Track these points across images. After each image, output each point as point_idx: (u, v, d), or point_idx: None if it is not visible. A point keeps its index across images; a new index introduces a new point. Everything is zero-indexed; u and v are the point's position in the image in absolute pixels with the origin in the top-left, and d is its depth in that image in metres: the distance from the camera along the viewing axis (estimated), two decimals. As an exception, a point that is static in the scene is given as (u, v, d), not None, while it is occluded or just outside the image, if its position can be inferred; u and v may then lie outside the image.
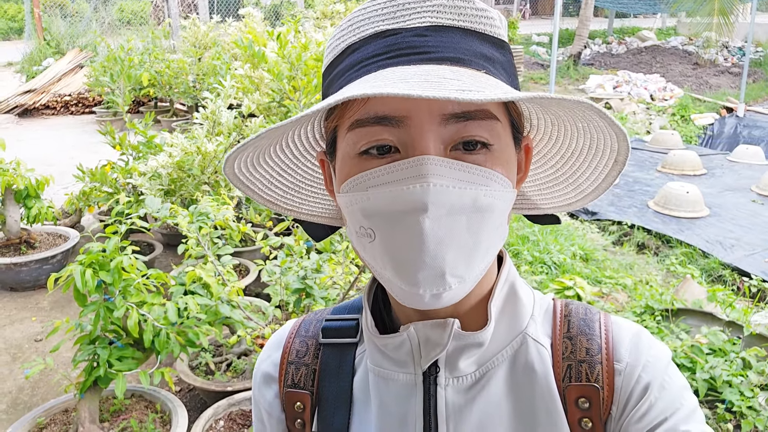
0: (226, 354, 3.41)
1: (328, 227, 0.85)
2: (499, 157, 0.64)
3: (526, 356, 0.72)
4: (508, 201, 0.65)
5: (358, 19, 0.66)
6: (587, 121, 0.65)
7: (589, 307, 0.77)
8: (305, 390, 0.80)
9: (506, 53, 0.68)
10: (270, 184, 0.77)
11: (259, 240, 3.08)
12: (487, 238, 0.63)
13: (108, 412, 2.91)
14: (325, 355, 0.80)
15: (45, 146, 9.01)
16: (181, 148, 3.98)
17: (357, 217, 0.64)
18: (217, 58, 7.58)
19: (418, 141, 0.60)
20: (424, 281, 0.60)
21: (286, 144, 0.74)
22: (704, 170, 7.98)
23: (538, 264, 4.71)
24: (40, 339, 4.05)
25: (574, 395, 0.69)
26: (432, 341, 0.69)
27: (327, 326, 0.82)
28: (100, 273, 2.57)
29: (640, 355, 0.70)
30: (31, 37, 13.95)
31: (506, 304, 0.73)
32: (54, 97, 11.24)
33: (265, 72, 4.66)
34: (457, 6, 0.64)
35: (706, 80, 13.83)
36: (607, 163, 0.70)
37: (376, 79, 0.59)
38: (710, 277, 5.01)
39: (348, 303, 0.85)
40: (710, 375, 2.99)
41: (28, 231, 4.78)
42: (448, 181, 0.59)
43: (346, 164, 0.65)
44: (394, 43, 0.63)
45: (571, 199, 0.77)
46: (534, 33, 20.33)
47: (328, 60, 0.69)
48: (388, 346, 0.72)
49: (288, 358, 0.82)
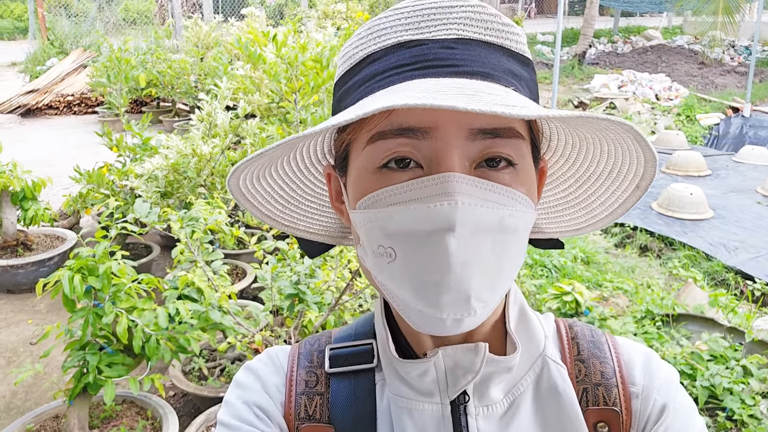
0: (220, 359, 3.38)
1: (323, 244, 0.82)
2: (523, 177, 0.62)
3: (549, 379, 0.70)
4: (530, 222, 0.63)
5: (378, 28, 0.63)
6: (616, 143, 0.62)
7: (593, 328, 0.76)
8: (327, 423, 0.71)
9: (530, 71, 0.65)
10: (270, 197, 0.74)
11: (252, 244, 3.05)
12: (511, 261, 0.61)
13: (98, 418, 2.89)
14: (335, 385, 0.72)
15: (47, 146, 9.01)
16: (176, 150, 3.94)
17: (375, 236, 0.60)
18: (216, 59, 7.56)
19: (443, 156, 0.58)
20: (448, 305, 0.57)
21: (293, 157, 0.70)
22: (709, 171, 7.91)
23: (538, 267, 4.66)
24: (35, 342, 4.03)
25: (592, 419, 0.68)
26: (462, 367, 0.65)
27: (335, 354, 0.74)
28: (89, 278, 2.54)
29: (654, 377, 0.70)
30: (35, 36, 13.98)
31: (520, 325, 0.71)
32: (57, 97, 11.25)
33: (264, 72, 4.62)
34: (484, 20, 0.61)
35: (711, 80, 13.73)
36: (627, 188, 0.67)
37: (406, 89, 0.55)
38: (713, 281, 4.95)
39: (349, 329, 0.78)
40: (710, 382, 2.94)
41: (25, 233, 4.76)
42: (475, 200, 0.57)
43: (364, 179, 0.62)
44: (421, 54, 0.60)
45: (581, 224, 0.74)
46: (539, 32, 20.24)
47: (342, 69, 0.66)
48: (411, 372, 0.67)
49: (296, 390, 0.73)
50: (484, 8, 0.62)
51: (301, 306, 2.80)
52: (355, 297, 2.99)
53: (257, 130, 4.26)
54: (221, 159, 4.19)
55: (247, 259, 4.55)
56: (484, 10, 0.62)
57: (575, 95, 12.15)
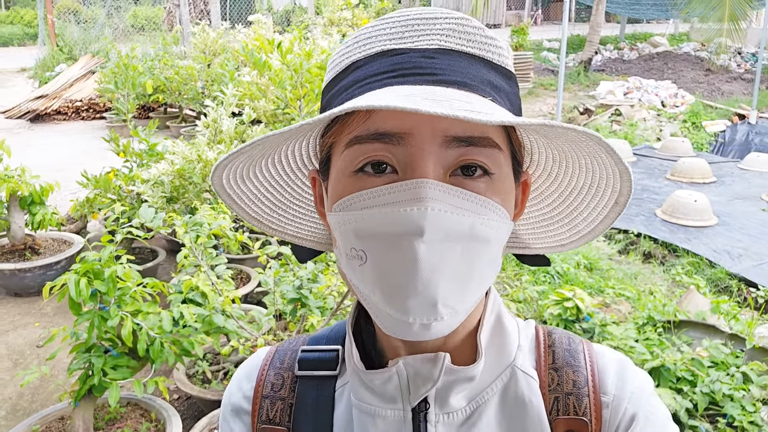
0: (224, 363, 3.42)
1: (313, 251, 0.83)
2: (499, 187, 0.62)
3: (516, 389, 0.70)
4: (504, 233, 0.64)
5: (364, 37, 0.65)
6: (592, 157, 0.63)
7: (572, 336, 0.75)
8: (281, 426, 0.76)
9: (512, 84, 0.67)
10: (257, 200, 0.75)
11: (256, 249, 3.08)
12: (481, 270, 0.61)
13: (103, 420, 2.92)
14: (301, 388, 0.76)
15: (55, 151, 9.09)
16: (182, 155, 3.99)
17: (349, 238, 0.61)
18: (223, 67, 7.62)
19: (418, 162, 0.59)
20: (415, 309, 0.57)
21: (279, 159, 0.72)
22: (714, 178, 7.90)
23: (540, 273, 4.68)
24: (42, 345, 4.07)
25: (561, 429, 0.68)
26: (422, 376, 0.67)
27: (304, 357, 0.78)
28: (95, 282, 2.58)
29: (625, 386, 0.69)
30: (44, 42, 14.13)
31: (493, 335, 0.71)
32: (65, 103, 11.35)
33: (269, 79, 4.67)
34: (467, 32, 0.63)
35: (718, 87, 13.71)
36: (607, 204, 0.68)
37: (381, 94, 0.57)
38: (716, 288, 4.95)
39: (325, 332, 0.82)
40: (711, 389, 2.95)
41: (33, 237, 4.82)
42: (446, 207, 0.57)
43: (341, 182, 0.63)
44: (401, 62, 0.61)
45: (565, 240, 0.75)
46: (545, 39, 20.29)
47: (330, 75, 0.68)
48: (375, 380, 0.69)
49: (262, 392, 0.78)
50: (468, 21, 0.64)
51: (304, 310, 2.84)
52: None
53: (255, 137, 4.30)
54: (226, 165, 4.22)
55: (252, 264, 4.58)
56: (467, 23, 0.63)
57: (581, 101, 12.16)
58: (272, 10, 21.22)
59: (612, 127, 10.67)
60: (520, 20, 23.79)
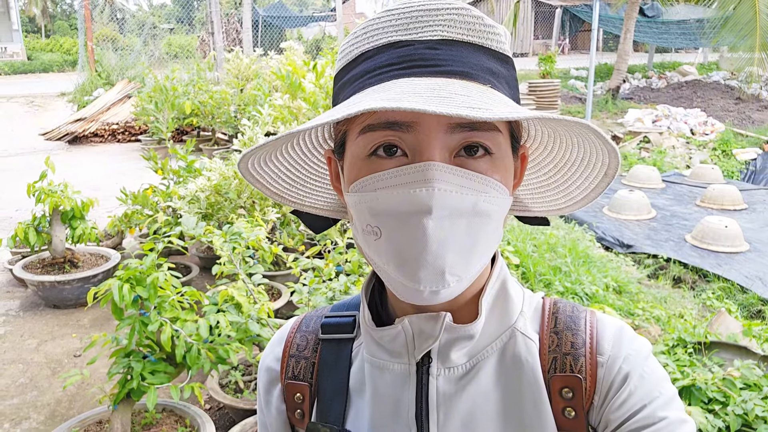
0: (256, 373, 3.48)
1: (328, 219, 0.91)
2: (498, 165, 0.68)
3: (514, 349, 0.76)
4: (504, 207, 0.70)
5: (372, 28, 0.71)
6: (582, 137, 0.70)
7: (577, 305, 0.81)
8: (304, 381, 0.85)
9: (510, 68, 0.73)
10: (278, 177, 0.83)
11: (290, 262, 3.16)
12: (484, 241, 0.68)
13: (139, 425, 3.00)
14: (323, 349, 0.85)
15: (92, 172, 9.37)
16: (219, 172, 4.12)
17: (364, 216, 0.68)
18: (257, 89, 7.82)
19: (425, 147, 0.65)
20: (425, 278, 0.64)
21: (296, 143, 0.80)
22: (745, 205, 7.82)
23: (569, 294, 4.68)
24: (79, 355, 4.18)
25: (558, 385, 0.74)
26: (425, 333, 0.74)
27: (326, 323, 0.87)
28: (137, 288, 2.68)
29: (622, 347, 0.74)
30: (83, 68, 14.62)
31: (497, 300, 0.78)
32: (102, 126, 11.71)
33: (302, 101, 4.81)
34: (467, 22, 0.69)
35: (748, 115, 13.60)
36: (598, 175, 0.74)
37: (390, 89, 0.64)
38: (748, 312, 4.89)
39: (347, 300, 0.91)
40: (744, 410, 2.92)
41: (72, 251, 4.97)
42: (451, 187, 0.64)
43: (356, 165, 0.70)
44: (407, 54, 0.67)
45: (561, 204, 0.81)
46: (572, 67, 20.36)
47: (341, 64, 0.74)
48: (384, 337, 0.76)
49: (289, 352, 0.87)
50: (468, 10, 0.70)
51: (336, 321, 2.89)
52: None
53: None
54: (260, 182, 4.34)
55: (282, 281, 4.67)
56: (467, 13, 0.69)
57: (609, 129, 12.16)
58: (302, 38, 21.63)
59: (640, 154, 10.64)
60: (547, 49, 23.92)
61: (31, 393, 3.77)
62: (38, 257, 5.03)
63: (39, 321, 4.69)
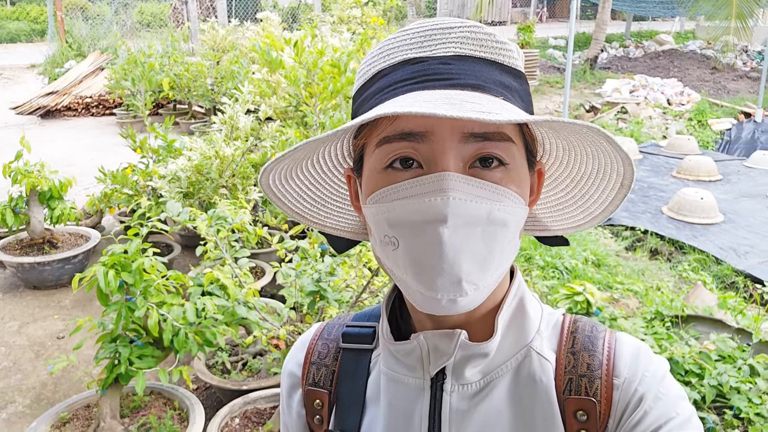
0: (242, 354, 3.50)
1: (350, 240, 0.92)
2: (513, 176, 0.69)
3: (529, 368, 0.76)
4: (520, 217, 0.71)
5: (388, 47, 0.73)
6: (596, 146, 0.71)
7: (597, 325, 0.81)
8: (324, 389, 0.87)
9: (523, 83, 0.74)
10: (299, 197, 0.84)
11: (275, 243, 3.16)
12: (501, 250, 0.69)
13: (128, 408, 3.01)
14: (344, 358, 0.87)
15: (67, 147, 9.19)
16: (200, 152, 4.07)
17: (382, 227, 0.70)
18: (235, 62, 7.69)
19: (440, 157, 0.66)
20: (442, 287, 0.65)
21: (316, 160, 0.81)
22: (720, 176, 7.96)
23: (549, 269, 4.75)
24: (63, 336, 4.17)
25: (572, 408, 0.74)
26: (440, 350, 0.75)
27: (347, 332, 0.88)
28: (122, 274, 2.66)
29: (638, 369, 0.74)
30: (53, 39, 14.22)
31: (514, 317, 0.78)
32: (75, 99, 11.44)
33: (282, 77, 4.75)
34: (479, 39, 0.70)
35: (724, 85, 13.75)
36: (614, 186, 0.75)
37: (403, 100, 0.66)
38: (723, 284, 5.02)
39: (368, 310, 0.92)
40: (718, 381, 3.02)
41: (51, 231, 4.91)
42: (466, 196, 0.65)
43: (373, 178, 0.71)
44: (421, 69, 0.69)
45: (579, 221, 0.82)
46: (551, 36, 20.29)
47: (359, 83, 0.76)
48: (401, 351, 0.78)
49: (311, 359, 0.89)
50: (480, 29, 0.72)
51: (322, 303, 2.92)
52: (373, 295, 3.10)
53: (276, 134, 4.38)
54: (242, 161, 4.31)
55: (265, 259, 4.67)
56: (480, 31, 0.71)
57: (587, 99, 12.21)
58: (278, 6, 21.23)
59: (618, 125, 10.72)
60: (525, 17, 23.81)
61: (15, 376, 3.75)
62: (16, 238, 4.96)
63: (19, 303, 4.65)
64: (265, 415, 3.06)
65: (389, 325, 0.81)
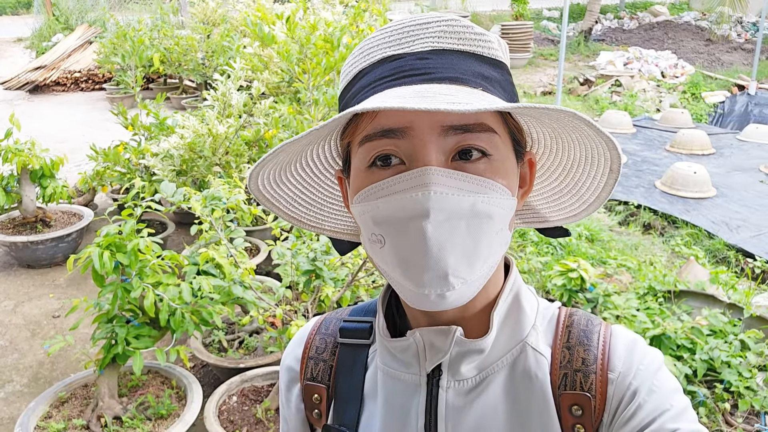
0: (239, 332, 3.52)
1: (352, 242, 0.91)
2: (498, 167, 0.68)
3: (524, 364, 0.77)
4: (507, 208, 0.70)
5: (368, 47, 0.73)
6: (578, 132, 0.70)
7: (592, 318, 0.80)
8: (322, 383, 0.87)
9: (504, 73, 0.73)
10: (294, 201, 0.83)
11: (269, 222, 3.16)
12: (487, 243, 0.68)
13: (126, 387, 3.03)
14: (341, 353, 0.87)
15: (57, 123, 9.09)
16: (192, 130, 4.04)
17: (368, 225, 0.70)
18: (226, 37, 7.59)
19: (420, 152, 0.66)
20: (429, 282, 0.65)
21: (306, 163, 0.80)
22: (713, 150, 7.97)
23: (543, 244, 4.77)
24: (58, 315, 4.17)
25: (567, 402, 0.74)
26: (436, 346, 0.75)
27: (344, 327, 0.88)
28: (117, 255, 2.66)
29: (632, 363, 0.74)
30: (39, 11, 13.98)
31: (509, 313, 0.78)
32: (64, 74, 11.29)
33: (275, 52, 4.69)
34: (457, 31, 0.70)
35: (718, 57, 13.68)
36: (604, 172, 0.75)
37: (379, 98, 0.65)
38: (715, 258, 5.06)
39: (365, 305, 0.92)
40: (709, 356, 3.06)
41: (44, 210, 4.88)
42: (447, 189, 0.64)
43: (358, 177, 0.71)
44: (398, 66, 0.69)
45: (575, 210, 0.82)
46: (545, 7, 20.08)
47: (342, 85, 0.76)
48: (397, 348, 0.78)
49: (309, 354, 0.89)
50: (458, 21, 0.71)
51: (318, 281, 2.92)
52: (368, 274, 3.11)
53: (270, 110, 4.34)
54: (235, 139, 4.28)
55: (260, 236, 4.67)
56: (457, 23, 0.70)
57: (581, 72, 12.15)
58: (269, -23, 20.84)
59: (612, 98, 10.68)
60: (519, -12, 23.48)
61: (12, 356, 3.76)
62: (8, 217, 4.93)
63: (14, 282, 4.65)
64: (263, 393, 3.09)
65: (385, 320, 0.81)
